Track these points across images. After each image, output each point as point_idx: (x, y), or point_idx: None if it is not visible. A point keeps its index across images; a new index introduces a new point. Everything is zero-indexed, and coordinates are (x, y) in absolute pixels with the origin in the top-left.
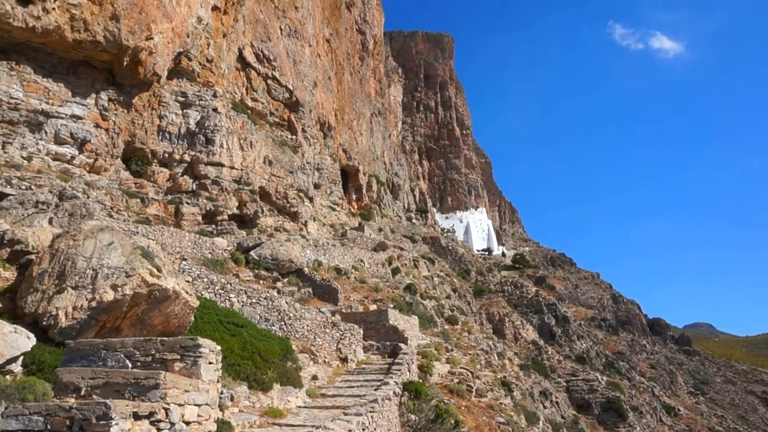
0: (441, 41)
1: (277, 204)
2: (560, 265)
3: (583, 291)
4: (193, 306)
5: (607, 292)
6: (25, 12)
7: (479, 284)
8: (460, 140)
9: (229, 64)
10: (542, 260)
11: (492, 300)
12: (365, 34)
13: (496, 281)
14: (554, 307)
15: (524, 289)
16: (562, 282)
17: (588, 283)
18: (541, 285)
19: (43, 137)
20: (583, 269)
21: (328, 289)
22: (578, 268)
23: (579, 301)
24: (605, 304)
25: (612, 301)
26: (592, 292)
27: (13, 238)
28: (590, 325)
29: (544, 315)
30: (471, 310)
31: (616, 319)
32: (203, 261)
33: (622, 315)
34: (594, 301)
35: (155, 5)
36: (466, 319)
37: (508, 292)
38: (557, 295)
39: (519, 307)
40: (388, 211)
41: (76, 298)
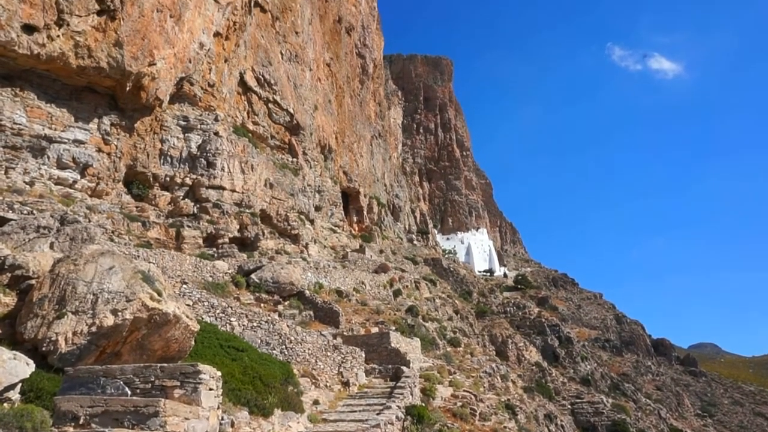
0: (440, 64)
1: (278, 227)
2: (562, 285)
3: (586, 311)
4: (193, 330)
5: (611, 312)
6: (30, 40)
7: (481, 305)
8: (460, 161)
9: (231, 88)
10: (544, 281)
11: (494, 321)
12: (365, 57)
13: (498, 302)
14: (557, 328)
15: (527, 310)
16: (564, 302)
17: (591, 304)
18: (544, 306)
19: (46, 162)
20: (585, 289)
21: (329, 311)
22: (581, 289)
23: (582, 321)
24: (609, 325)
25: (615, 322)
26: (595, 312)
27: (13, 263)
28: (594, 346)
29: (547, 336)
30: (473, 331)
31: (620, 340)
32: (204, 284)
33: (626, 335)
34: (597, 322)
35: (158, 32)
36: (468, 341)
37: (511, 314)
38: (560, 316)
39: (522, 328)
40: (389, 232)
41: (76, 323)
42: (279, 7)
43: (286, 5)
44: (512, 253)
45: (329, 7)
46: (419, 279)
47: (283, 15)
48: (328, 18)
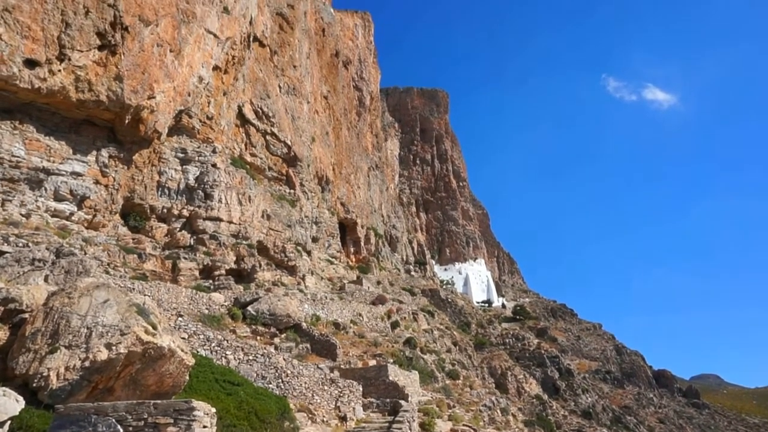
0: (436, 96)
1: (275, 258)
2: (561, 316)
3: (586, 342)
4: (188, 364)
5: (610, 343)
6: (31, 74)
7: (480, 337)
8: (456, 192)
9: (229, 120)
10: (543, 311)
11: (493, 353)
12: (362, 90)
13: (497, 333)
14: (557, 359)
15: (526, 342)
16: (563, 333)
17: (590, 335)
18: (543, 337)
19: (43, 194)
20: (584, 320)
21: (326, 344)
22: (580, 319)
23: (582, 353)
24: (609, 356)
25: (615, 353)
26: (595, 343)
27: (7, 297)
28: (595, 377)
29: (547, 368)
30: (472, 363)
31: (621, 372)
32: (200, 317)
33: (626, 367)
34: (597, 353)
35: (158, 66)
36: (467, 373)
37: (510, 345)
38: (559, 347)
39: (521, 360)
40: (387, 263)
41: (69, 357)
42: (277, 41)
43: (284, 40)
44: (510, 284)
45: (327, 41)
46: (417, 310)
47: (282, 49)
48: (326, 52)
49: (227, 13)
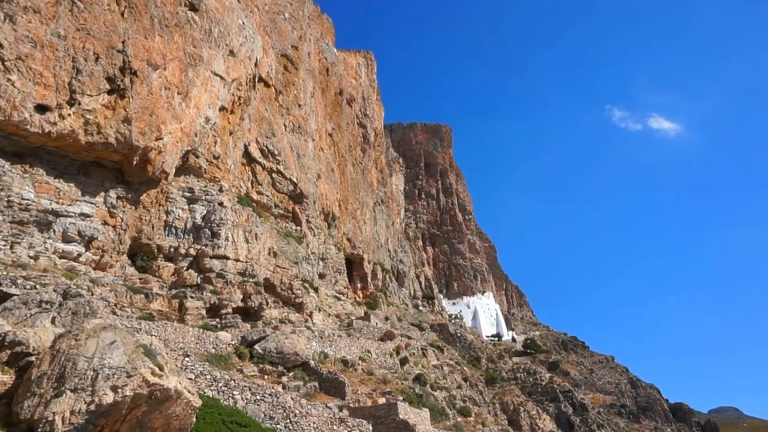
0: (439, 131)
1: (282, 295)
2: (573, 348)
3: (599, 375)
4: (195, 406)
5: (624, 375)
6: (42, 119)
7: (491, 372)
8: (462, 225)
9: (235, 159)
10: (554, 344)
11: (505, 388)
12: (366, 127)
13: (508, 368)
14: (570, 394)
15: (538, 376)
16: (576, 367)
17: (603, 367)
18: (555, 371)
19: (51, 236)
20: (596, 352)
21: (334, 382)
22: (591, 352)
23: (595, 386)
24: (623, 389)
25: (630, 386)
26: (609, 376)
27: (14, 340)
28: (609, 412)
29: (561, 403)
30: (484, 399)
31: (636, 405)
32: (207, 356)
33: (641, 400)
34: (611, 386)
35: (165, 108)
36: (479, 410)
37: (521, 380)
38: (572, 381)
39: (533, 395)
40: (394, 299)
41: (75, 401)
42: (282, 81)
43: (288, 80)
44: (519, 317)
45: (330, 80)
46: (426, 346)
47: (286, 89)
48: (330, 90)
49: (233, 55)
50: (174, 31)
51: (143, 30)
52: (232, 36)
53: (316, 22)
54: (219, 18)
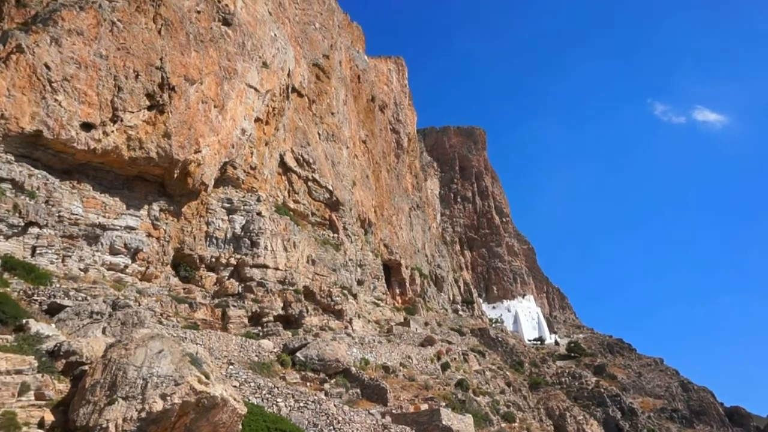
0: (473, 134)
1: (322, 302)
2: (619, 351)
3: (648, 379)
4: (240, 413)
5: (675, 379)
6: (87, 136)
7: (534, 376)
8: (500, 228)
9: (272, 169)
10: (599, 347)
11: (550, 393)
12: (399, 133)
13: (552, 372)
14: (618, 398)
15: (583, 380)
16: (623, 370)
17: (652, 371)
18: (601, 374)
19: (99, 249)
20: (644, 355)
21: (376, 388)
22: (639, 354)
23: (644, 390)
24: (674, 393)
25: (681, 389)
26: (658, 379)
27: (68, 350)
28: (660, 417)
29: (608, 408)
30: (528, 405)
31: (689, 409)
32: (250, 364)
33: (694, 404)
34: (661, 390)
35: (203, 121)
36: (523, 415)
37: (566, 384)
38: (620, 385)
39: (579, 399)
40: (433, 304)
41: (126, 409)
42: (315, 91)
43: (321, 89)
44: (562, 320)
45: (362, 87)
46: (467, 351)
47: (319, 98)
48: (362, 98)
49: (266, 67)
50: (209, 46)
51: (180, 46)
52: (265, 48)
53: (346, 31)
54: (251, 31)
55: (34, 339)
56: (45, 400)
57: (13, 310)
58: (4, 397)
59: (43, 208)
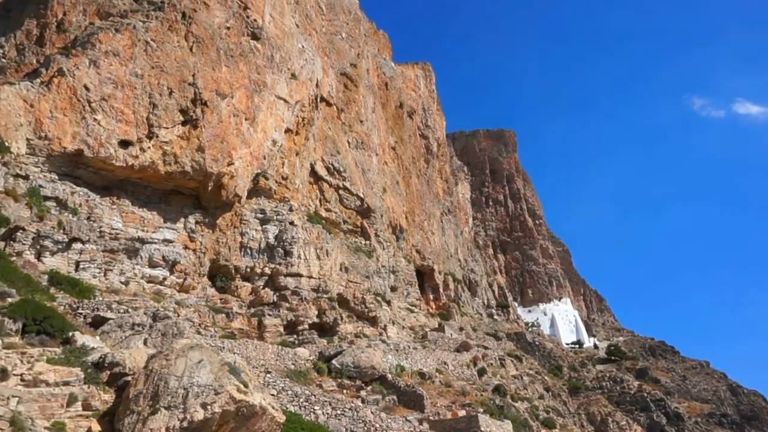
0: (503, 136)
1: (356, 310)
2: (662, 354)
3: (693, 383)
4: (279, 422)
5: (722, 382)
6: (125, 153)
7: (573, 381)
8: (533, 231)
9: (303, 179)
10: (640, 350)
11: (590, 398)
12: (428, 138)
13: (592, 377)
14: (662, 402)
15: (625, 384)
16: (666, 374)
17: (697, 374)
18: (644, 378)
19: (139, 262)
20: (689, 358)
21: (413, 395)
22: (683, 357)
23: (690, 394)
24: (722, 397)
25: (730, 393)
26: (704, 383)
27: (112, 361)
28: (709, 422)
29: (652, 413)
30: (568, 410)
31: (739, 414)
32: (286, 372)
33: (745, 409)
34: (708, 394)
35: (235, 134)
36: (564, 421)
37: (608, 388)
38: (664, 389)
39: (622, 404)
40: (468, 308)
41: (169, 418)
42: (343, 99)
43: (349, 97)
44: (600, 322)
45: (390, 94)
46: (504, 356)
47: (348, 106)
48: (390, 104)
49: (295, 78)
50: (239, 60)
51: (211, 62)
52: (293, 60)
53: (372, 39)
54: (279, 44)
55: (80, 351)
56: (92, 411)
57: (59, 323)
58: (53, 408)
59: (86, 224)
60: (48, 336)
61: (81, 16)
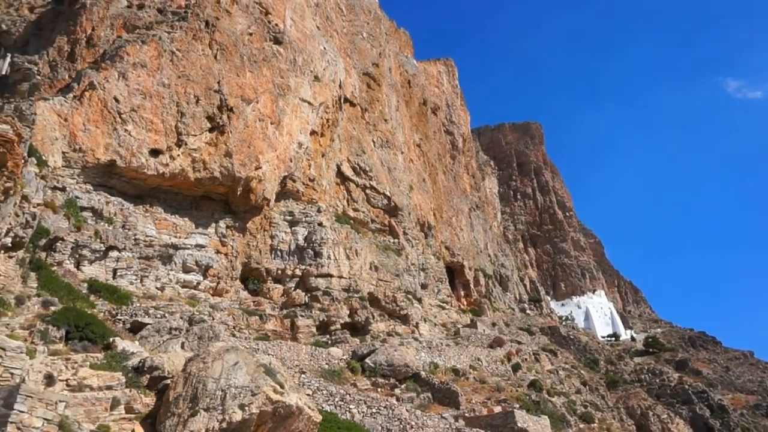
0: (529, 129)
1: (387, 308)
2: (702, 345)
3: (737, 374)
4: (316, 421)
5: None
6: (156, 161)
7: (611, 374)
8: (564, 223)
9: (330, 180)
10: (679, 341)
11: (629, 392)
12: (453, 134)
13: (630, 369)
14: (705, 395)
15: (665, 377)
16: (708, 365)
17: (740, 364)
18: (684, 370)
19: (173, 268)
20: (731, 348)
21: (447, 392)
22: (725, 348)
23: (734, 386)
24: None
25: None
26: (749, 374)
27: (152, 365)
28: (755, 414)
29: (695, 405)
30: (606, 404)
31: None
32: (320, 372)
33: None
34: (754, 385)
35: (261, 138)
36: (602, 415)
37: (647, 381)
38: (706, 381)
39: (662, 397)
40: (500, 304)
41: (208, 420)
42: (366, 99)
43: (372, 97)
44: (637, 314)
45: (413, 92)
46: (538, 350)
47: (371, 106)
48: (414, 102)
49: (318, 80)
50: (262, 65)
51: (235, 68)
52: (315, 62)
53: (393, 37)
54: (302, 47)
55: (121, 356)
56: (134, 414)
57: (100, 329)
58: (98, 411)
59: (121, 232)
60: (90, 342)
61: (109, 30)
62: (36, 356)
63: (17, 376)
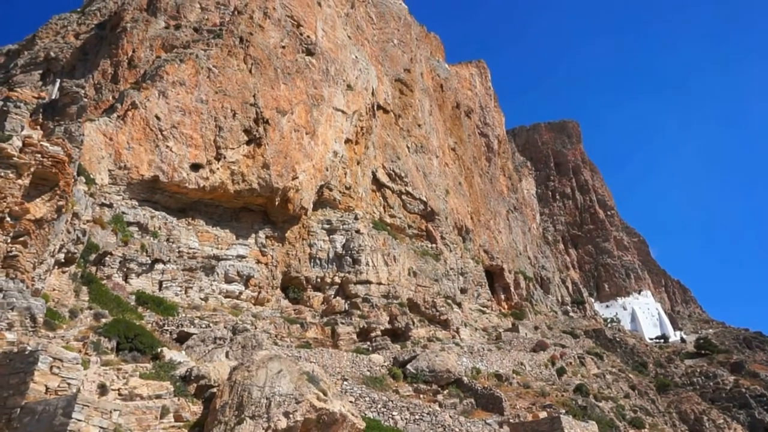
0: (565, 128)
1: (427, 314)
2: (759, 346)
3: None
4: (359, 428)
5: None
6: (196, 176)
7: (661, 378)
8: (605, 222)
9: (365, 187)
10: (733, 342)
11: (681, 395)
12: (488, 136)
13: (681, 372)
14: (764, 398)
15: (719, 380)
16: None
17: None
18: (740, 372)
19: (216, 278)
20: None
21: (490, 397)
22: None
23: None
24: None
25: None
26: None
27: (198, 374)
28: None
29: (753, 410)
30: (657, 409)
31: None
32: (362, 379)
33: None
34: None
35: (297, 148)
36: (653, 420)
37: (700, 384)
38: (764, 384)
39: (717, 401)
40: (541, 307)
41: (254, 427)
42: (399, 105)
43: (405, 102)
44: (686, 315)
45: (446, 96)
46: (583, 354)
47: (404, 112)
48: (447, 106)
49: (351, 89)
50: (296, 77)
51: (269, 81)
52: (348, 71)
53: (424, 42)
54: (333, 57)
55: (169, 366)
56: (183, 422)
57: (149, 340)
58: (148, 419)
59: (165, 245)
60: (139, 352)
61: (148, 51)
62: (90, 367)
63: (74, 386)
